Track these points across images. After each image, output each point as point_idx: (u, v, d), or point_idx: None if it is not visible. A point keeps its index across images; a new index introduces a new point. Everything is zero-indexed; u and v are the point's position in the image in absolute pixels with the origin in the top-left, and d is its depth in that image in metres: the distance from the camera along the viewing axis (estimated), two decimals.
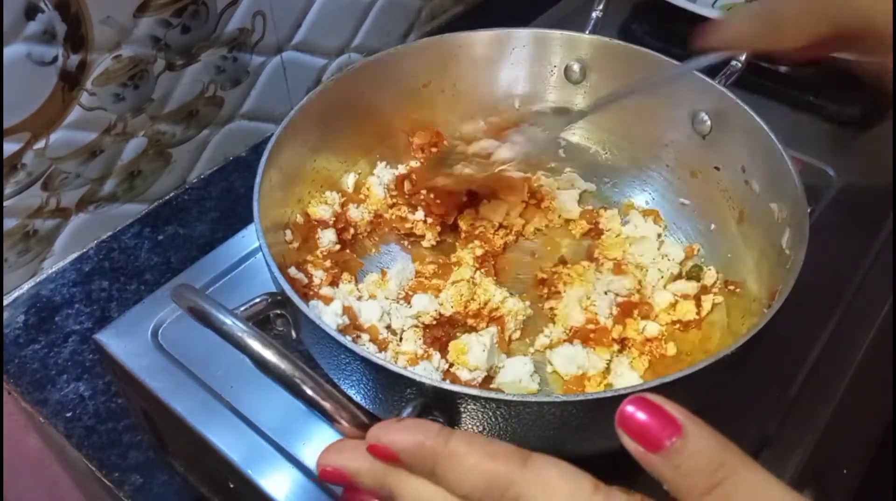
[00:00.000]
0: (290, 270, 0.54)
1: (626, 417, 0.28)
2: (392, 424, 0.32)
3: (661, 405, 0.28)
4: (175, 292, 0.37)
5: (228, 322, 0.35)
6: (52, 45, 0.62)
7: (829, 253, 0.65)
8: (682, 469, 0.27)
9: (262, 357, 0.33)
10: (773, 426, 0.55)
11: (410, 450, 0.30)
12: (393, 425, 0.32)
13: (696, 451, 0.27)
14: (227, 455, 0.52)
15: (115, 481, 0.60)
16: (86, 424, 0.63)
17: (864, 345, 0.61)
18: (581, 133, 0.69)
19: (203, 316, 0.36)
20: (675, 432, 0.27)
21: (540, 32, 0.66)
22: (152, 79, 0.71)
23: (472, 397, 0.37)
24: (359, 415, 0.33)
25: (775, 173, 0.54)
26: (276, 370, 0.33)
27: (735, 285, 0.58)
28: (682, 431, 0.27)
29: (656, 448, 0.27)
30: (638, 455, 0.28)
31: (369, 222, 0.63)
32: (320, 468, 0.33)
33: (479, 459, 0.29)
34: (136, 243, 0.76)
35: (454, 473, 0.30)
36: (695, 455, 0.27)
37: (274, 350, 0.33)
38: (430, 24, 1.01)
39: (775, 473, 0.28)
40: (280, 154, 0.55)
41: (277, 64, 0.82)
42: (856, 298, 0.64)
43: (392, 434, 0.31)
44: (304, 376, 0.33)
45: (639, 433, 0.28)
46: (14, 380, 0.65)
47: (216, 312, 0.35)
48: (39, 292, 0.71)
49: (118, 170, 0.73)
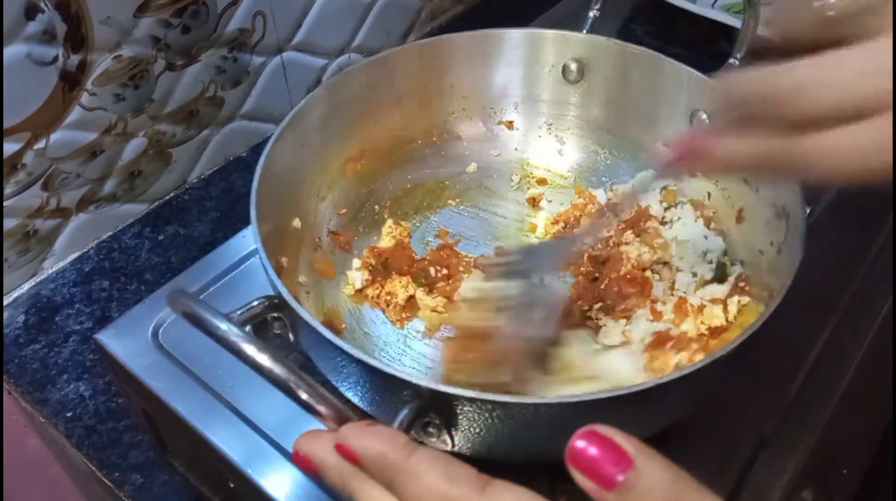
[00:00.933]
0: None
1: (577, 452, 0.27)
2: (363, 427, 0.32)
3: (612, 438, 0.27)
4: (170, 297, 0.37)
5: (223, 327, 0.35)
6: (53, 46, 0.62)
7: (829, 253, 0.65)
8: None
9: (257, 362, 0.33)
10: (772, 425, 0.55)
11: (372, 458, 0.30)
12: (364, 429, 0.32)
13: (650, 486, 0.26)
14: (227, 454, 0.52)
15: (116, 481, 0.61)
16: (86, 424, 0.63)
17: (863, 345, 0.61)
18: (579, 133, 0.69)
19: (198, 321, 0.36)
20: (627, 466, 0.26)
21: (535, 32, 0.66)
22: (152, 79, 0.71)
23: (468, 399, 0.37)
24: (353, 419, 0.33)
25: None
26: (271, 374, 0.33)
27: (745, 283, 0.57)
28: (632, 465, 0.26)
29: (609, 484, 0.26)
30: (591, 492, 0.27)
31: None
32: (294, 450, 0.33)
33: (436, 480, 0.29)
34: (136, 243, 0.76)
35: (410, 490, 0.29)
36: (649, 489, 0.26)
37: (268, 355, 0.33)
38: (430, 24, 1.01)
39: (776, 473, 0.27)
40: (279, 155, 0.55)
41: (278, 64, 0.82)
42: (855, 298, 0.64)
43: (359, 439, 0.31)
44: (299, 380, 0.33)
45: (590, 469, 0.27)
46: (14, 380, 0.65)
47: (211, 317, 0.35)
48: (40, 292, 0.71)
49: (118, 170, 0.73)
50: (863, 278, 0.66)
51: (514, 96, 0.68)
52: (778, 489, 0.51)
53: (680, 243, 0.61)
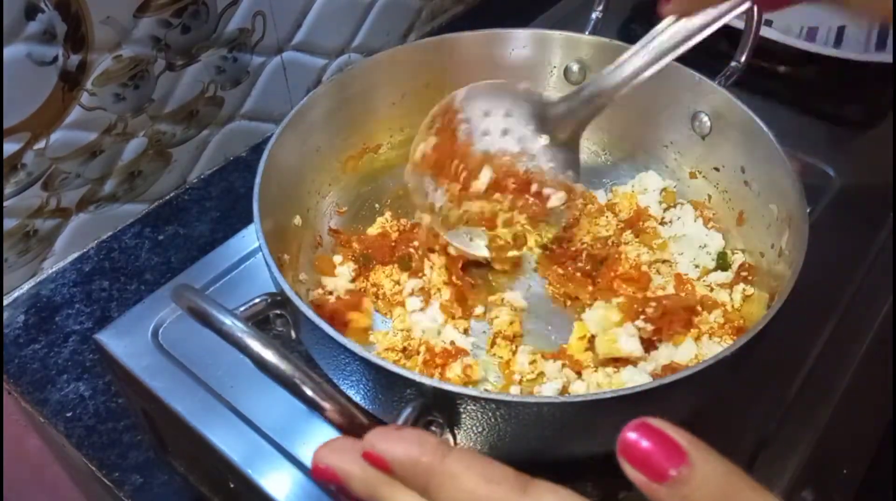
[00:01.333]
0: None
1: (629, 445, 0.26)
2: (390, 432, 0.30)
3: (666, 431, 0.26)
4: (175, 292, 0.37)
5: (228, 322, 0.35)
6: (53, 45, 0.62)
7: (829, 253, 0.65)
8: (690, 500, 0.25)
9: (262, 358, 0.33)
10: (773, 425, 0.55)
11: (405, 464, 0.29)
12: (391, 433, 0.30)
13: (704, 481, 0.26)
14: (227, 454, 0.52)
15: (116, 481, 0.60)
16: (86, 424, 0.63)
17: (864, 345, 0.61)
18: None
19: (203, 316, 0.36)
20: (681, 460, 0.26)
21: (539, 33, 0.66)
22: (152, 79, 0.71)
23: (472, 397, 0.37)
24: (358, 416, 0.33)
25: (775, 174, 0.54)
26: (276, 370, 0.33)
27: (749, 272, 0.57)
28: (687, 459, 0.26)
29: (661, 478, 0.26)
30: (641, 485, 0.26)
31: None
32: (314, 464, 0.31)
33: (475, 481, 0.28)
34: (136, 243, 0.76)
35: (447, 494, 0.28)
36: (702, 485, 0.26)
37: (274, 351, 0.33)
38: (430, 24, 1.01)
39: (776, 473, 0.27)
40: (280, 154, 0.55)
41: (277, 64, 0.82)
42: (855, 298, 0.64)
43: (388, 443, 0.30)
44: (304, 376, 0.33)
45: (642, 463, 0.26)
46: (14, 380, 0.65)
47: (216, 312, 0.35)
48: (40, 292, 0.71)
49: (118, 170, 0.73)
50: (863, 278, 0.66)
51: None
52: (778, 488, 0.51)
53: (678, 238, 0.61)
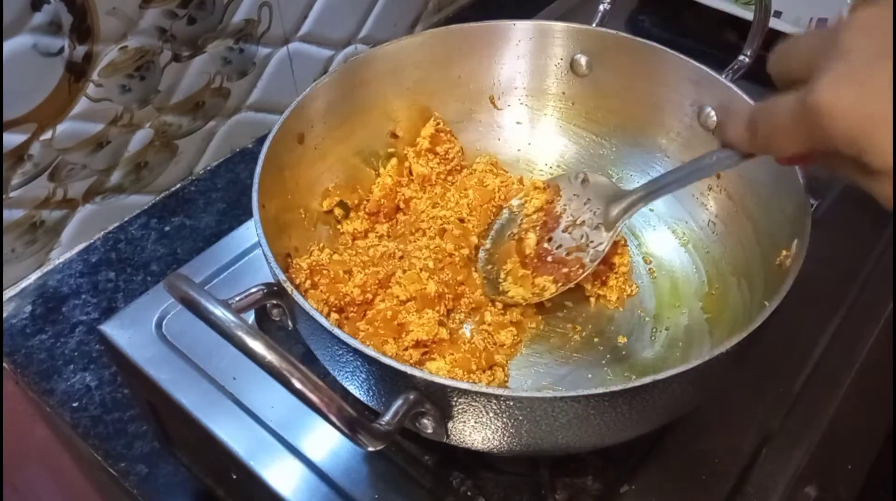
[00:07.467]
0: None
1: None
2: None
3: None
4: (168, 281, 0.37)
5: (218, 313, 0.35)
6: (59, 37, 0.62)
7: (834, 249, 0.64)
8: None
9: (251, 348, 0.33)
10: (777, 421, 0.55)
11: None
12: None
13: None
14: (230, 446, 0.52)
15: (121, 471, 0.61)
16: (92, 414, 0.63)
17: (868, 341, 0.60)
18: (583, 125, 0.68)
19: (193, 306, 0.35)
20: None
21: (546, 25, 0.65)
22: (158, 70, 0.71)
23: (464, 391, 0.37)
24: (346, 408, 0.33)
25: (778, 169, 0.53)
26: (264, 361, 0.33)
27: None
28: None
29: None
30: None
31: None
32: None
33: None
34: (142, 235, 0.76)
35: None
36: None
37: (262, 342, 0.33)
38: (437, 14, 1.00)
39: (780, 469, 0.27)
40: (283, 143, 0.55)
41: (284, 55, 0.82)
42: (860, 293, 0.63)
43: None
44: (292, 368, 0.33)
45: None
46: (21, 370, 0.65)
47: (205, 302, 0.35)
48: (46, 283, 0.71)
49: (125, 161, 0.73)
50: (867, 274, 0.65)
51: (522, 88, 0.68)
52: (782, 484, 0.51)
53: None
